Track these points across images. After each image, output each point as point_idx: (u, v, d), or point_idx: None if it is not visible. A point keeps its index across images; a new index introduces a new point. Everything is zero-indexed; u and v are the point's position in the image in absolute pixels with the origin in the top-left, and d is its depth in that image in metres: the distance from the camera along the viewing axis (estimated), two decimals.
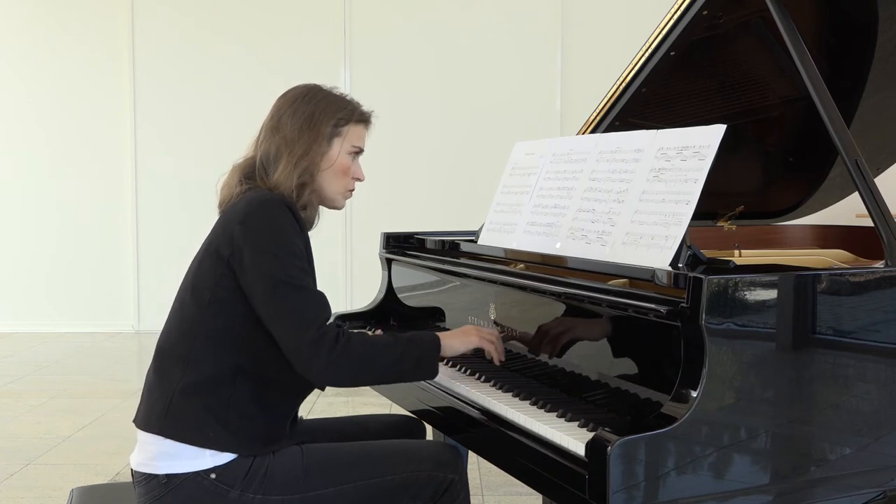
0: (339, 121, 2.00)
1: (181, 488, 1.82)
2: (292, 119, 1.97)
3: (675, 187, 1.79)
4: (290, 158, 1.94)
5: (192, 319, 1.89)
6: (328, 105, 2.00)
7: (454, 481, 1.97)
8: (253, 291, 1.84)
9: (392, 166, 7.44)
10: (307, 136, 1.96)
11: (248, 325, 1.86)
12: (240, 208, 1.90)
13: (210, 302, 1.87)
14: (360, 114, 2.05)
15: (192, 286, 1.92)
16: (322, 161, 1.98)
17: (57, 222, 7.62)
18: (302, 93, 2.02)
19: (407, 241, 2.76)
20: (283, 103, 2.01)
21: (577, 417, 1.68)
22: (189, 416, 1.84)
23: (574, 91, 7.34)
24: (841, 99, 2.03)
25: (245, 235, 1.85)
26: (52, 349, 6.81)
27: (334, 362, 1.80)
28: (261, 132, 2.02)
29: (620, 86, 2.48)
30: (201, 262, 1.93)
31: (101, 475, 3.75)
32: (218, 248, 1.89)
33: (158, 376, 1.91)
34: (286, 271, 1.83)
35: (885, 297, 1.67)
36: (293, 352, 1.81)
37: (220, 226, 1.94)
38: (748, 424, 1.53)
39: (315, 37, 7.45)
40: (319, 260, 2.04)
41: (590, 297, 1.77)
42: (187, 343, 1.88)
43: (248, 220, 1.86)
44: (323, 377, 1.85)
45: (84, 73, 7.55)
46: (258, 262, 1.83)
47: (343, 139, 2.01)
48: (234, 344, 1.87)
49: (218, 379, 1.85)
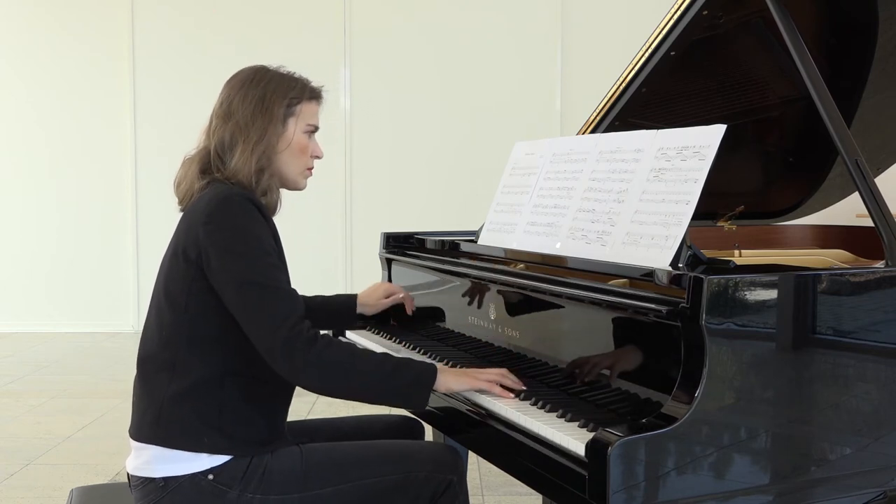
0: (292, 100, 1.96)
1: (179, 490, 1.81)
2: (243, 104, 1.93)
3: (675, 187, 1.79)
4: (247, 144, 1.91)
5: (171, 325, 1.85)
6: (278, 85, 1.96)
7: (453, 482, 1.96)
8: (223, 292, 1.80)
9: (392, 166, 7.44)
10: (260, 119, 1.92)
11: (228, 326, 1.82)
12: (201, 208, 1.85)
13: (186, 306, 1.84)
14: (311, 90, 2.01)
15: (166, 292, 1.88)
16: (279, 143, 1.95)
17: (57, 222, 7.62)
18: (249, 76, 1.98)
19: (407, 241, 2.76)
20: (232, 88, 1.97)
21: (577, 417, 1.68)
22: (181, 423, 1.81)
23: (574, 91, 7.34)
24: (841, 99, 2.03)
25: (210, 236, 1.81)
26: (52, 349, 6.81)
27: (309, 363, 1.75)
28: (211, 120, 1.98)
29: (620, 86, 2.48)
30: (170, 266, 1.89)
31: (100, 475, 3.75)
32: (185, 250, 1.85)
33: (145, 385, 1.88)
34: (255, 270, 1.79)
35: (885, 297, 1.67)
36: (267, 352, 1.77)
37: (183, 227, 1.89)
38: (748, 424, 1.53)
39: (315, 37, 7.45)
40: (320, 260, 2.04)
41: (590, 298, 1.77)
42: (170, 349, 1.85)
43: (211, 221, 1.82)
44: (296, 377, 1.79)
45: (84, 73, 7.55)
46: (226, 264, 1.79)
47: (297, 118, 1.97)
48: (219, 345, 1.84)
49: (207, 383, 1.83)
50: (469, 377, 1.89)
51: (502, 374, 1.90)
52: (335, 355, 1.79)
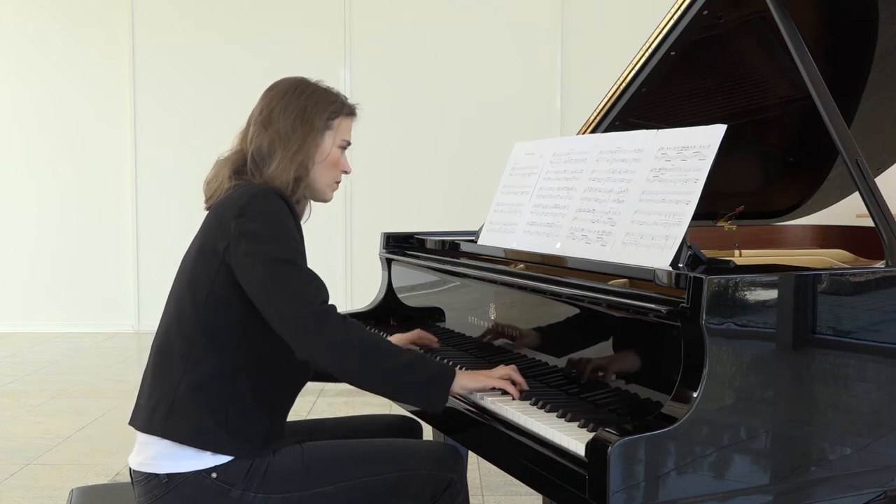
0: (332, 114, 2.01)
1: (182, 488, 1.82)
2: (284, 113, 1.97)
3: (675, 187, 1.79)
4: (286, 153, 1.94)
5: (190, 318, 1.88)
6: (319, 99, 2.01)
7: (453, 481, 1.97)
8: (250, 274, 1.81)
9: (392, 166, 7.44)
10: (301, 129, 1.96)
11: (246, 322, 1.85)
12: (233, 202, 1.88)
13: (207, 299, 1.86)
14: (350, 107, 2.06)
15: (189, 284, 1.90)
16: (316, 154, 1.99)
17: (57, 222, 7.62)
18: (291, 86, 2.02)
19: (407, 241, 2.76)
20: (273, 97, 2.01)
21: (577, 417, 1.68)
22: (192, 417, 1.83)
23: (574, 91, 7.34)
24: (841, 99, 2.03)
25: (241, 226, 1.84)
26: (52, 349, 6.81)
27: (340, 339, 1.78)
28: (249, 126, 2.02)
29: (620, 86, 2.48)
30: (195, 260, 1.91)
31: (101, 475, 3.75)
32: (213, 243, 1.88)
33: (158, 376, 1.90)
34: (286, 251, 1.83)
35: (885, 297, 1.67)
36: (295, 324, 1.77)
37: (212, 221, 1.92)
38: (748, 424, 1.53)
39: (315, 37, 7.45)
40: (319, 260, 2.05)
41: (590, 297, 1.77)
42: (187, 342, 1.87)
43: (245, 211, 1.85)
44: (322, 352, 1.78)
45: (84, 73, 7.55)
46: (257, 246, 1.82)
47: (335, 133, 2.02)
48: (234, 341, 1.86)
49: (219, 377, 1.85)
50: (483, 376, 1.91)
51: (513, 369, 1.93)
52: (364, 337, 1.82)
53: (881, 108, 2.58)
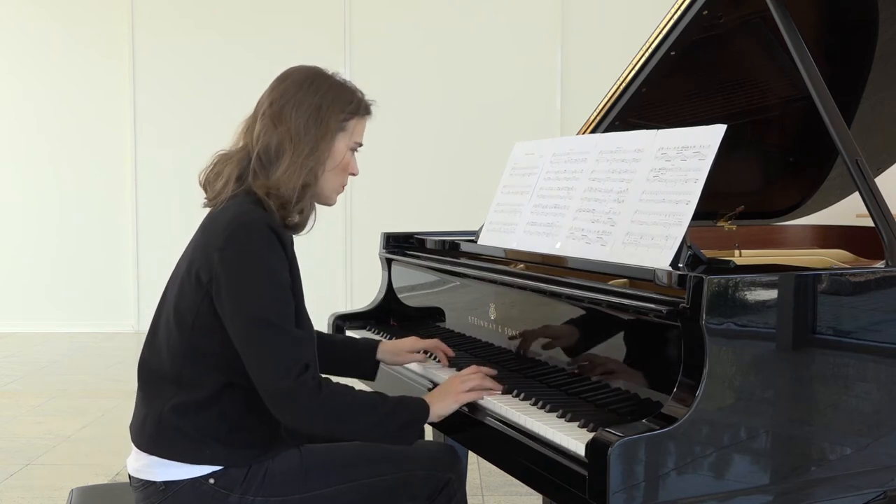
0: (347, 115, 1.87)
1: (180, 494, 1.79)
2: (297, 110, 1.83)
3: (675, 187, 1.79)
4: (296, 156, 1.81)
5: (177, 343, 1.82)
6: (335, 96, 1.86)
7: (451, 480, 1.97)
8: (230, 326, 1.75)
9: (392, 166, 7.44)
10: (314, 131, 1.83)
11: (230, 343, 1.77)
12: (220, 229, 1.77)
13: (193, 325, 1.79)
14: (366, 106, 1.92)
15: (175, 308, 1.83)
16: (328, 161, 1.86)
17: (57, 222, 7.62)
18: (306, 79, 1.88)
19: (407, 241, 2.76)
20: (285, 90, 1.86)
21: (577, 417, 1.68)
22: (179, 437, 1.79)
23: (574, 91, 7.33)
24: (841, 99, 2.03)
25: (224, 263, 1.74)
26: (52, 349, 6.81)
27: (309, 414, 1.73)
28: (257, 120, 1.86)
29: (620, 86, 2.48)
30: (182, 282, 1.83)
31: (101, 475, 3.75)
32: (198, 271, 1.78)
33: (146, 396, 1.86)
34: (264, 307, 1.72)
35: (885, 297, 1.67)
36: (271, 393, 1.73)
37: (200, 242, 1.83)
38: (748, 424, 1.53)
39: (315, 37, 7.44)
40: (320, 260, 2.03)
41: (590, 297, 1.77)
42: (176, 366, 1.81)
43: (227, 247, 1.74)
44: (298, 423, 1.77)
45: (84, 73, 7.55)
46: (236, 297, 1.73)
47: (349, 135, 1.89)
48: (221, 360, 1.79)
49: (209, 398, 1.80)
50: (452, 396, 1.87)
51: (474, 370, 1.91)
52: (338, 405, 1.76)
53: (881, 108, 2.58)
